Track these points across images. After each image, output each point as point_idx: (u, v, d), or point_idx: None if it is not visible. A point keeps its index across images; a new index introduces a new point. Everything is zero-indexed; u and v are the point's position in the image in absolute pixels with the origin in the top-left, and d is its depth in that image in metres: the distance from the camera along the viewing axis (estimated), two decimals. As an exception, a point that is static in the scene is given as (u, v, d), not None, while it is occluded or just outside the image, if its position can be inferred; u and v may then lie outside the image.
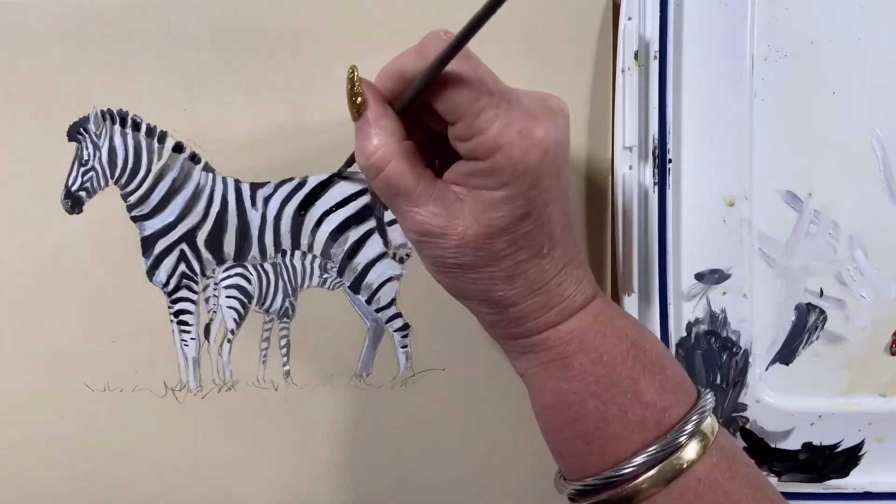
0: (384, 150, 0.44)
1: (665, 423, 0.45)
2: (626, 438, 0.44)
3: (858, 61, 0.59)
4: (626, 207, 0.58)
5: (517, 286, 0.46)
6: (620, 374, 0.46)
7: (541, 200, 0.44)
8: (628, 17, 0.58)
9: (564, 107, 0.45)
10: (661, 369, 0.47)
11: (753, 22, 0.59)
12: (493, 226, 0.43)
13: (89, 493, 0.61)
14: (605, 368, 0.46)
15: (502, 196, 0.43)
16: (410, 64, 0.44)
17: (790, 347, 0.61)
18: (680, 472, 0.43)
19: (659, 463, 0.43)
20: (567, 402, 0.46)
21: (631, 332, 0.48)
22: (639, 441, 0.44)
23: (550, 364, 0.47)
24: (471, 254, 0.44)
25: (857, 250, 0.60)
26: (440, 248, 0.45)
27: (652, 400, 0.45)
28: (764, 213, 0.60)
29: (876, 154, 0.59)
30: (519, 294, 0.46)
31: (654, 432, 0.44)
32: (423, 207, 0.44)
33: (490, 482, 0.63)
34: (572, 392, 0.46)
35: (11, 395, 0.61)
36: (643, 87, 0.58)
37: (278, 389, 0.61)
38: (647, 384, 0.46)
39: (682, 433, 0.44)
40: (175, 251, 0.60)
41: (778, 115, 0.59)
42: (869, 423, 0.61)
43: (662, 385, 0.46)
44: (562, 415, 0.46)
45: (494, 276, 0.45)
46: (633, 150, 0.58)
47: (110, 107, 0.59)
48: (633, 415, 0.45)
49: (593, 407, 0.45)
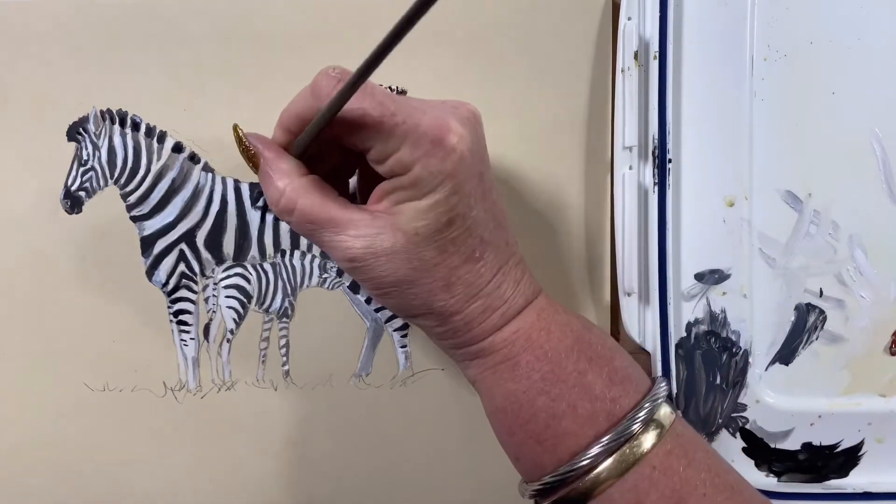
0: (288, 190, 0.45)
1: (616, 414, 0.45)
2: (578, 433, 0.45)
3: (858, 61, 0.59)
4: (625, 208, 0.58)
5: (456, 294, 0.46)
6: (566, 368, 0.46)
7: (463, 205, 0.44)
8: (628, 17, 0.58)
9: (476, 112, 0.46)
10: (608, 361, 0.47)
11: (753, 22, 0.59)
12: (419, 234, 0.44)
13: (89, 493, 0.61)
14: (550, 364, 0.46)
15: (426, 205, 0.44)
16: (305, 105, 0.45)
17: (790, 347, 0.61)
18: (635, 462, 0.44)
19: (614, 453, 0.44)
20: (517, 402, 0.47)
21: (576, 327, 0.48)
22: (591, 434, 0.45)
23: (498, 367, 0.48)
24: (403, 267, 0.45)
25: (857, 250, 0.60)
26: (373, 270, 0.45)
27: (601, 392, 0.46)
28: (764, 214, 0.60)
29: (876, 154, 0.59)
30: (459, 301, 0.46)
31: (605, 423, 0.45)
32: (345, 233, 0.45)
33: (489, 482, 0.62)
34: (521, 392, 0.46)
35: (11, 395, 0.61)
36: (643, 87, 0.58)
37: (278, 389, 0.61)
38: (595, 376, 0.46)
39: (635, 421, 0.44)
40: (174, 251, 0.60)
41: (778, 115, 0.59)
42: (869, 424, 0.61)
43: (611, 376, 0.46)
44: (513, 417, 0.47)
45: (432, 287, 0.46)
46: (632, 150, 0.58)
47: (110, 107, 0.59)
48: (582, 409, 0.45)
49: (543, 405, 0.46)
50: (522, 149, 0.61)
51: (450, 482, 0.62)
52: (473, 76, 0.60)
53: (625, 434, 0.44)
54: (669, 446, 0.44)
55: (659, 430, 0.44)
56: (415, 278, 0.45)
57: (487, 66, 0.60)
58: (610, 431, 0.44)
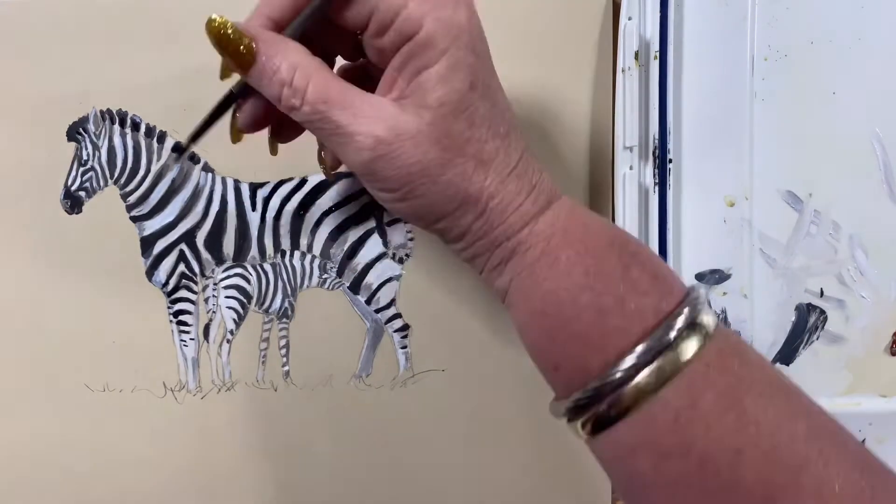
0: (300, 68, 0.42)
1: (663, 310, 0.41)
2: (626, 329, 0.40)
3: (859, 61, 0.59)
4: (626, 207, 0.58)
5: (491, 172, 0.43)
6: (610, 261, 0.42)
7: (482, 70, 0.42)
8: (628, 17, 0.58)
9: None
10: (650, 258, 0.43)
11: (754, 22, 0.59)
12: (444, 104, 0.41)
13: (89, 493, 0.61)
14: (593, 258, 0.42)
15: (445, 67, 0.41)
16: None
17: (791, 347, 0.61)
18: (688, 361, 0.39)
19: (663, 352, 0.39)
20: (559, 301, 0.42)
21: (609, 223, 0.45)
22: (639, 331, 0.40)
23: (535, 265, 0.43)
24: (432, 149, 0.41)
25: (858, 250, 0.60)
26: (399, 158, 0.41)
27: (647, 287, 0.41)
28: (764, 214, 0.60)
29: (876, 154, 0.60)
30: (494, 182, 0.43)
31: (653, 320, 0.40)
32: (367, 117, 0.41)
33: (490, 483, 0.62)
34: (563, 289, 0.42)
35: (11, 395, 0.61)
36: (643, 87, 0.58)
37: (278, 390, 0.61)
38: (640, 272, 0.42)
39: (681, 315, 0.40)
40: (174, 251, 0.60)
41: (778, 116, 0.59)
42: (870, 424, 0.61)
43: (655, 273, 0.42)
44: (554, 318, 0.42)
45: (465, 167, 0.42)
46: (633, 150, 0.58)
47: (110, 107, 0.59)
48: (630, 303, 0.41)
49: (587, 301, 0.41)
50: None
51: (450, 483, 0.62)
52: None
53: (671, 329, 0.40)
54: (721, 345, 0.40)
55: (706, 331, 0.40)
56: (447, 159, 0.42)
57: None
58: (659, 328, 0.40)
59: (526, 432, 0.61)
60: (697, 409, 0.39)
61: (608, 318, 0.41)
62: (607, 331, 0.41)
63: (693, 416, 0.39)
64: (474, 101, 0.42)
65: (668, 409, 0.39)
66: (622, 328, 0.41)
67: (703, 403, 0.39)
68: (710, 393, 0.39)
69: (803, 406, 0.40)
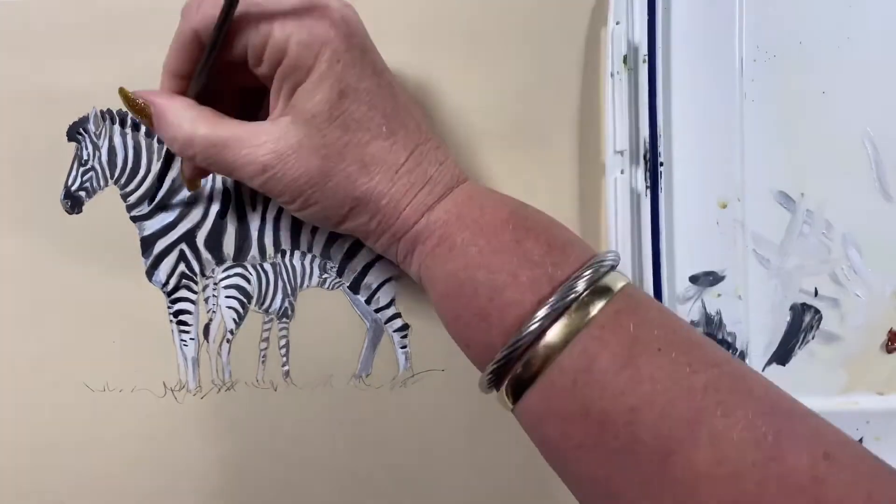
0: (185, 121, 0.46)
1: (558, 278, 0.42)
2: (521, 301, 0.42)
3: (847, 61, 0.60)
4: (618, 211, 0.58)
5: (374, 174, 0.46)
6: (503, 239, 0.44)
7: (351, 75, 0.45)
8: (616, 22, 0.58)
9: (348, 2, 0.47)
10: (546, 230, 0.45)
11: (742, 23, 0.60)
12: (316, 115, 0.44)
13: (89, 493, 0.61)
14: (486, 237, 0.44)
15: (313, 81, 0.44)
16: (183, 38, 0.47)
17: (786, 348, 0.62)
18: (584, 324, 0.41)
19: (560, 317, 0.41)
20: (458, 281, 0.45)
21: (510, 202, 0.47)
22: (534, 300, 0.42)
23: (436, 250, 0.46)
24: (314, 159, 0.45)
25: (851, 249, 0.61)
26: (286, 174, 0.45)
27: (540, 258, 0.43)
28: (757, 215, 0.61)
29: (867, 153, 0.60)
30: (381, 182, 0.46)
31: (548, 288, 0.42)
32: (250, 144, 0.45)
33: (490, 483, 0.62)
34: (460, 270, 0.45)
35: (11, 395, 0.60)
36: (633, 90, 0.58)
37: (277, 390, 0.61)
38: (533, 244, 0.44)
39: (580, 279, 0.41)
40: (174, 251, 0.60)
41: (768, 116, 0.60)
42: (867, 422, 0.61)
43: (549, 243, 0.44)
44: (456, 298, 0.45)
45: (349, 171, 0.46)
46: (624, 154, 0.58)
47: (110, 107, 0.59)
48: (523, 276, 0.43)
49: (483, 278, 0.43)
50: (514, 154, 0.61)
51: (450, 483, 0.62)
52: (465, 80, 0.61)
53: (569, 293, 0.41)
54: (618, 306, 0.41)
55: (607, 294, 0.42)
56: (329, 168, 0.45)
57: (478, 70, 0.61)
58: (554, 295, 0.41)
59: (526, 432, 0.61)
60: (593, 371, 0.40)
61: (504, 292, 0.43)
62: (503, 305, 0.43)
63: (589, 379, 0.40)
64: (347, 107, 0.45)
65: (566, 374, 0.41)
66: (517, 301, 0.42)
67: (598, 365, 0.40)
68: (605, 354, 0.40)
69: (706, 359, 0.40)
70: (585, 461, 0.41)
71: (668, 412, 0.38)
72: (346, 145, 0.45)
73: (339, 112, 0.45)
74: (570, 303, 0.41)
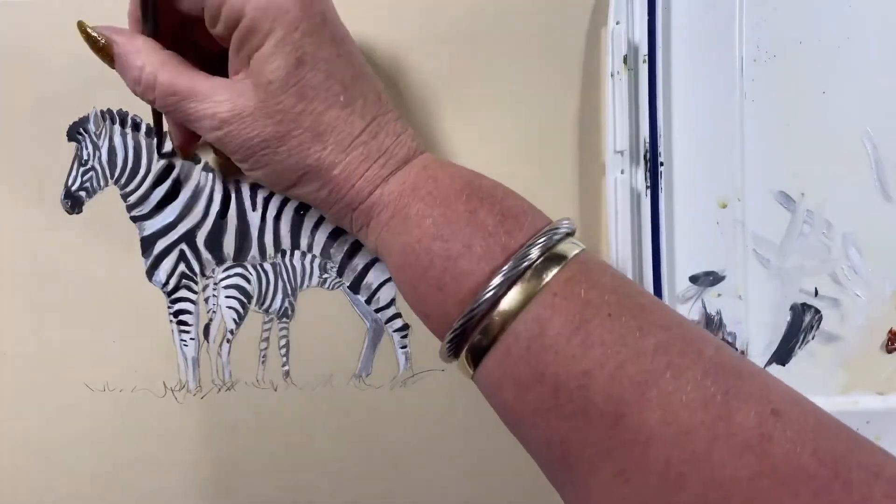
0: (147, 65, 0.47)
1: (511, 247, 0.43)
2: (475, 270, 0.43)
3: (848, 60, 0.60)
4: (618, 211, 0.58)
5: (328, 143, 0.46)
6: (457, 210, 0.45)
7: (310, 43, 0.45)
8: (616, 21, 0.58)
9: None
10: (501, 200, 0.46)
11: (742, 23, 0.60)
12: (272, 81, 0.45)
13: (89, 493, 0.61)
14: (440, 208, 0.45)
15: (271, 46, 0.44)
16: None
17: (786, 348, 0.61)
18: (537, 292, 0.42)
19: (514, 284, 0.42)
20: (413, 252, 0.45)
21: (465, 174, 0.47)
22: (488, 269, 0.43)
23: (391, 222, 0.47)
24: (268, 122, 0.45)
25: (851, 249, 0.61)
26: (241, 132, 0.46)
27: (494, 228, 0.44)
28: (757, 214, 0.60)
29: (867, 152, 0.60)
30: (333, 152, 0.47)
31: (502, 257, 0.43)
32: (210, 99, 0.46)
33: (490, 483, 0.62)
34: (415, 241, 0.45)
35: (11, 395, 0.60)
36: (633, 90, 0.58)
37: (277, 390, 0.61)
38: (486, 214, 0.44)
39: (534, 246, 0.42)
40: (175, 251, 0.60)
41: (769, 116, 0.60)
42: (867, 422, 0.61)
43: (503, 213, 0.45)
44: (412, 269, 0.45)
45: (302, 139, 0.46)
46: (624, 154, 0.58)
47: (110, 107, 0.59)
48: (477, 246, 0.43)
49: (438, 249, 0.44)
50: (515, 154, 0.61)
51: (450, 483, 0.62)
52: (465, 80, 0.61)
53: (522, 261, 0.42)
54: (571, 273, 0.42)
55: (561, 262, 0.42)
56: (283, 132, 0.46)
57: (478, 70, 0.61)
58: (507, 263, 0.42)
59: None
60: (545, 336, 0.40)
61: (458, 262, 0.43)
62: (458, 275, 0.43)
63: (542, 344, 0.40)
64: (304, 75, 0.45)
65: (520, 340, 0.41)
66: (470, 270, 0.43)
67: (550, 331, 0.40)
68: (557, 320, 0.41)
69: (656, 322, 0.41)
70: (541, 425, 0.41)
71: (619, 375, 0.39)
72: (300, 113, 0.46)
73: (295, 80, 0.45)
74: (523, 270, 0.42)
